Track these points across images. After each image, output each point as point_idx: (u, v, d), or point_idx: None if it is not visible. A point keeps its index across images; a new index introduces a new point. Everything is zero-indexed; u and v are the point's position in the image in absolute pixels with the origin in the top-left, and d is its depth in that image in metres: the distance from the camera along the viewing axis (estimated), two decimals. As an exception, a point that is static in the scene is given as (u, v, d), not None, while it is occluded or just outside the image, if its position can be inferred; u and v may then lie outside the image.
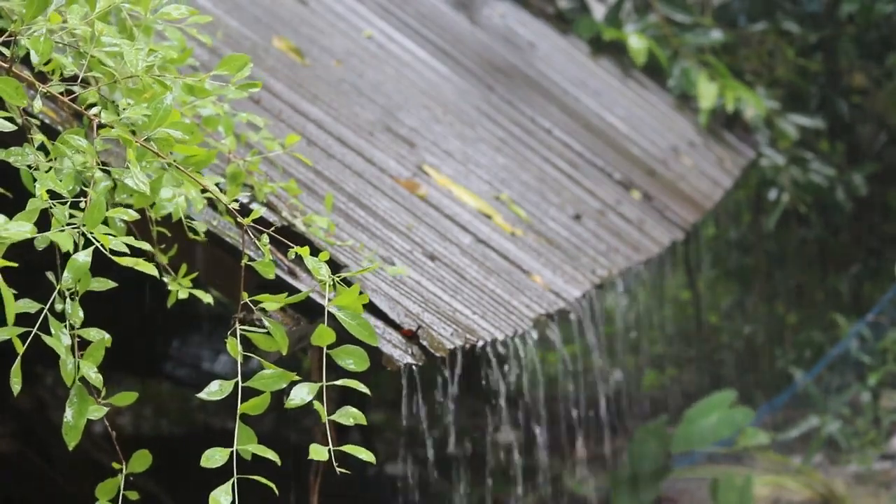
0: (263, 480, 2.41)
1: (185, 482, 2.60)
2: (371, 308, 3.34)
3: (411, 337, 3.34)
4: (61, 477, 6.20)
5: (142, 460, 2.59)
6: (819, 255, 9.80)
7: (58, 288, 2.36)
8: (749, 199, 9.73)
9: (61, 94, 2.61)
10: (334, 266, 3.35)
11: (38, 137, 2.55)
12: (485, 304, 4.01)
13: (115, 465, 2.58)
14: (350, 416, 2.49)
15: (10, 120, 2.52)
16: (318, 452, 2.43)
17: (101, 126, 2.52)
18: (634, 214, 6.10)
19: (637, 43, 8.04)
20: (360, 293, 3.31)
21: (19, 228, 2.31)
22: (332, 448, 2.43)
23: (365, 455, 2.45)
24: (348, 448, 2.45)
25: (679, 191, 6.89)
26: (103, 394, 2.55)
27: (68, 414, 2.40)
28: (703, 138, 7.95)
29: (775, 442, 8.14)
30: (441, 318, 3.60)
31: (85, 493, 2.79)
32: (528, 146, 6.03)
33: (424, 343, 3.35)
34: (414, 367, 3.29)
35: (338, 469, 2.43)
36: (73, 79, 2.64)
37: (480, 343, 3.68)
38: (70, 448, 2.41)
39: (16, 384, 2.33)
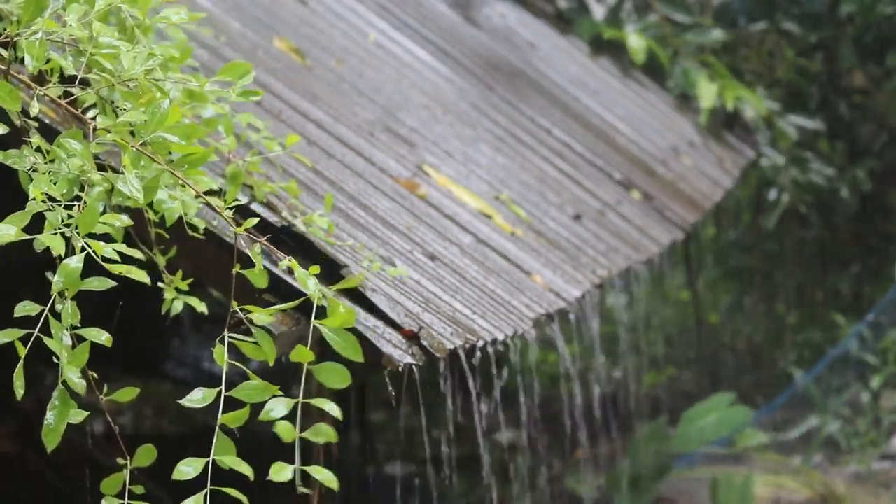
0: (236, 493, 2.41)
1: (186, 482, 2.59)
2: (371, 308, 3.34)
3: (412, 337, 3.34)
4: (60, 477, 6.20)
5: (146, 455, 2.58)
6: (819, 255, 9.79)
7: (56, 289, 2.36)
8: (749, 199, 9.73)
9: (60, 96, 2.61)
10: (334, 266, 3.36)
11: (36, 140, 2.55)
12: (485, 304, 4.01)
13: (120, 461, 2.57)
14: (321, 434, 2.49)
15: (6, 122, 2.52)
16: (279, 472, 2.42)
17: (97, 129, 2.52)
18: (634, 214, 6.11)
19: (637, 42, 8.04)
20: (359, 293, 3.32)
21: (4, 231, 2.31)
22: (298, 468, 2.42)
23: (327, 479, 2.44)
24: (313, 470, 2.44)
25: (679, 191, 6.89)
26: (105, 390, 2.55)
27: (49, 416, 2.39)
28: (703, 138, 7.95)
29: (775, 442, 8.14)
30: (441, 318, 3.60)
31: (84, 493, 2.79)
32: (528, 146, 6.03)
33: (425, 343, 3.35)
34: (414, 367, 3.29)
35: (300, 489, 2.43)
36: (73, 79, 2.64)
37: (480, 343, 3.68)
38: (49, 450, 2.41)
39: (19, 388, 2.33)
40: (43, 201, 2.39)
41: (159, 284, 2.97)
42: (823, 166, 8.82)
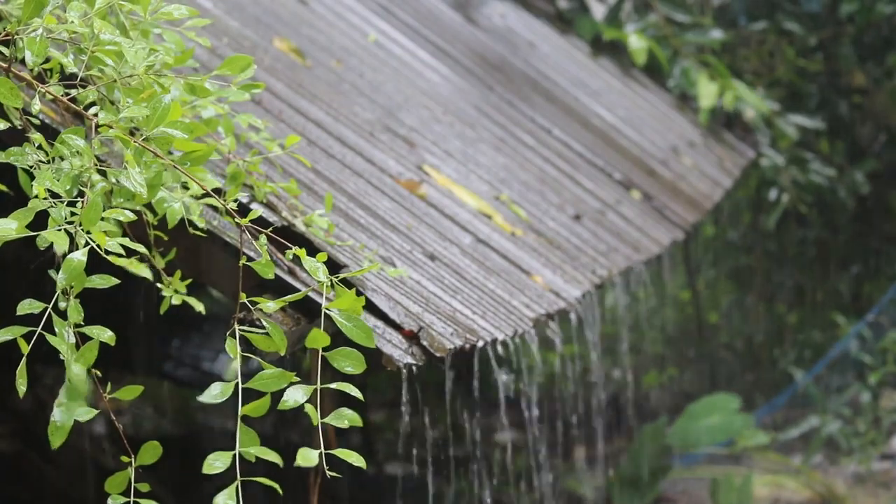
0: (268, 482, 2.41)
1: (188, 480, 2.59)
2: (371, 308, 3.34)
3: (412, 337, 3.34)
4: (61, 477, 6.20)
5: (151, 453, 2.57)
6: (819, 255, 9.79)
7: (58, 287, 2.36)
8: (749, 199, 9.73)
9: (60, 94, 2.61)
10: (334, 266, 3.36)
11: (37, 137, 2.55)
12: (485, 304, 4.01)
13: (124, 458, 2.56)
14: (345, 418, 2.47)
15: (6, 119, 2.52)
16: (306, 458, 2.41)
17: (99, 126, 2.52)
18: (634, 214, 6.11)
19: (637, 43, 8.05)
20: (360, 294, 3.32)
21: (5, 226, 2.31)
22: (323, 451, 2.41)
23: (356, 459, 2.44)
24: (339, 452, 2.43)
25: (679, 191, 6.89)
26: (108, 388, 2.54)
27: (56, 414, 2.39)
28: (703, 138, 7.95)
29: (775, 442, 8.15)
30: (441, 318, 3.60)
31: (84, 493, 2.79)
32: (528, 146, 6.03)
33: (425, 343, 3.35)
34: (414, 367, 3.29)
35: (329, 474, 2.42)
36: (74, 77, 2.64)
37: (480, 343, 3.68)
38: (54, 447, 2.40)
39: (21, 385, 2.33)
40: (45, 199, 2.39)
41: (158, 285, 2.96)
42: (823, 166, 8.82)
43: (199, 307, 2.95)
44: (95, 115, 2.57)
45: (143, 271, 2.39)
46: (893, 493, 7.93)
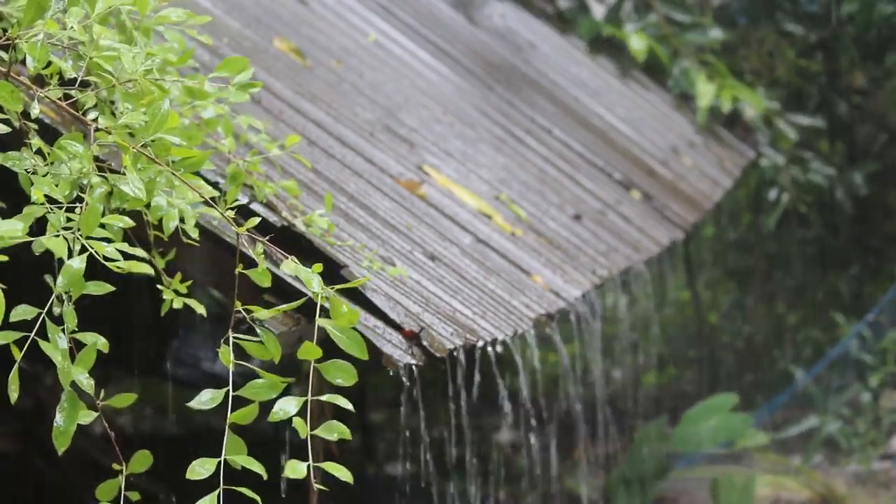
0: (249, 493, 2.40)
1: (185, 482, 2.59)
2: (371, 308, 3.34)
3: (412, 337, 3.34)
4: (61, 477, 6.20)
5: (142, 461, 2.58)
6: (819, 255, 9.79)
7: (55, 292, 2.36)
8: (749, 199, 9.73)
9: (60, 98, 2.61)
10: (334, 266, 3.36)
11: (36, 142, 2.54)
12: (485, 304, 4.01)
13: (116, 466, 2.57)
14: (334, 431, 2.47)
15: (6, 123, 2.51)
16: (294, 470, 2.41)
17: (98, 131, 2.52)
18: (634, 214, 6.11)
19: (637, 42, 8.04)
20: (360, 294, 3.32)
21: (11, 227, 2.30)
22: (311, 464, 2.41)
23: (342, 474, 2.43)
24: (327, 466, 2.43)
25: (679, 191, 6.89)
26: (102, 395, 2.55)
27: (59, 418, 2.39)
28: (703, 138, 7.95)
29: (775, 442, 8.14)
30: (441, 318, 3.60)
31: (85, 493, 2.79)
32: (528, 146, 6.03)
33: (425, 343, 3.35)
34: (414, 367, 3.29)
35: (316, 486, 2.42)
36: (73, 82, 2.64)
37: (480, 343, 3.68)
38: (60, 452, 2.41)
39: (13, 391, 2.33)
40: (42, 204, 2.39)
41: (158, 287, 2.96)
42: (823, 166, 8.82)
43: (201, 309, 2.94)
44: (94, 119, 2.57)
45: (146, 270, 2.38)
46: (893, 493, 7.93)
